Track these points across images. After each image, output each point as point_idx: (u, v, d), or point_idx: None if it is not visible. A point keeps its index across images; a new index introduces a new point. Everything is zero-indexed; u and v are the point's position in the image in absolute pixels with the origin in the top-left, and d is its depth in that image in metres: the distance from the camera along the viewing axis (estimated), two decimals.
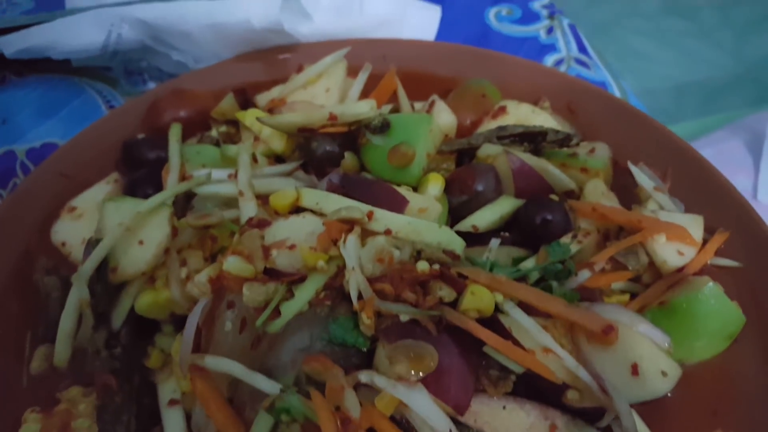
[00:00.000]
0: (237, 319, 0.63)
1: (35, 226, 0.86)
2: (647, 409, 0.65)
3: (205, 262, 0.71)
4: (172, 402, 0.68)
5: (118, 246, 0.70)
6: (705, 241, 0.79)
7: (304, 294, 0.59)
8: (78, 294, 0.69)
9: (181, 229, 0.73)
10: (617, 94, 1.14)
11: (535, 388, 0.60)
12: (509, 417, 0.58)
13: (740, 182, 1.61)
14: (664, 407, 0.68)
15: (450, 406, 0.56)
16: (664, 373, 0.62)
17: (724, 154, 1.76)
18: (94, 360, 0.72)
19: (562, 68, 1.17)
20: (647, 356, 0.62)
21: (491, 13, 1.28)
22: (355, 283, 0.59)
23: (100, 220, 0.74)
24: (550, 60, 1.19)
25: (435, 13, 1.22)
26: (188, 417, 0.67)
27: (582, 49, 1.21)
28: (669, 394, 0.69)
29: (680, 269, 0.75)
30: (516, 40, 1.23)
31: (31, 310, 0.79)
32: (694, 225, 0.79)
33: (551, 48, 1.21)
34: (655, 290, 0.73)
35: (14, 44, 1.12)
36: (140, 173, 0.87)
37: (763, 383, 0.69)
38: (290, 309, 0.58)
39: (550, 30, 1.24)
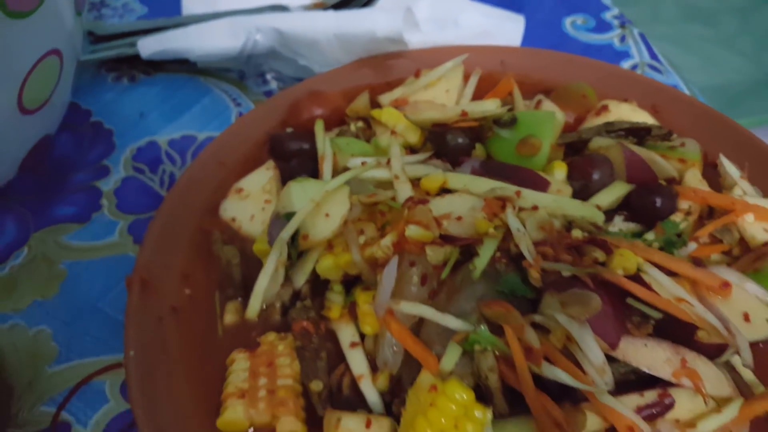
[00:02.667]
0: (420, 274, 0.77)
1: (205, 206, 1.00)
2: None
3: (377, 231, 0.85)
4: (353, 344, 0.82)
5: (307, 218, 0.85)
6: None
7: (487, 252, 0.73)
8: (278, 255, 0.83)
9: (352, 205, 0.88)
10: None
11: (667, 332, 0.74)
12: (649, 352, 0.72)
13: None
14: (759, 355, 0.83)
15: (605, 343, 0.70)
16: None
17: None
18: (282, 313, 0.86)
19: (638, 72, 1.32)
20: (755, 308, 0.77)
21: (567, 22, 1.43)
22: (524, 244, 0.73)
23: (285, 197, 0.88)
24: (625, 65, 1.34)
25: (519, 23, 1.37)
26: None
27: (653, 56, 1.36)
28: (761, 345, 0.84)
29: (766, 243, 0.90)
30: (593, 47, 1.38)
31: (213, 277, 0.93)
32: None
33: (625, 54, 1.36)
34: (748, 259, 0.88)
35: (152, 46, 1.27)
36: (294, 163, 1.02)
37: None
38: (481, 263, 0.72)
39: (622, 38, 1.39)
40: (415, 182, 0.91)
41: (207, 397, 0.80)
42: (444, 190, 0.90)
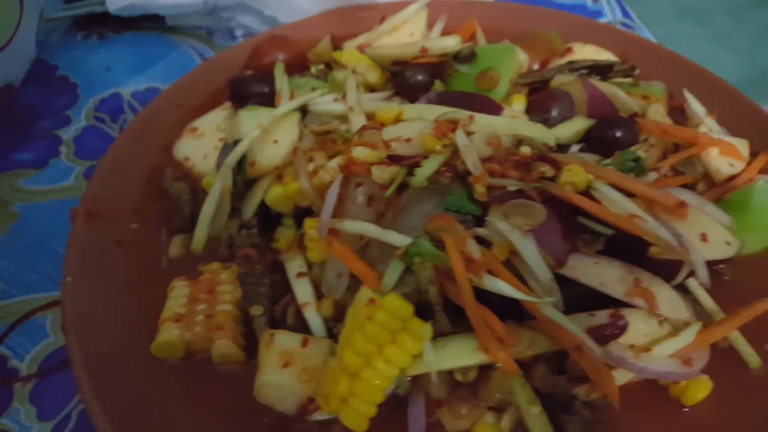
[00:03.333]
0: (366, 195, 0.74)
1: (159, 145, 0.98)
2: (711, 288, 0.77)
3: (328, 159, 0.82)
4: (300, 274, 0.79)
5: (255, 145, 0.82)
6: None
7: (431, 164, 0.70)
8: (222, 181, 0.81)
9: (304, 135, 0.85)
10: None
11: (621, 253, 0.71)
12: (600, 270, 0.69)
13: None
14: (724, 287, 0.80)
15: (551, 258, 0.67)
16: (727, 243, 0.73)
17: None
18: (229, 246, 0.84)
19: None
20: (713, 229, 0.74)
21: None
22: (470, 158, 0.70)
23: (235, 126, 0.86)
24: None
25: None
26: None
27: (626, 14, 1.34)
28: (727, 277, 0.81)
29: (731, 178, 0.87)
30: (566, 6, 1.37)
31: (163, 211, 0.91)
32: (741, 146, 0.91)
33: (598, 13, 1.35)
34: (713, 193, 0.85)
35: (119, 1, 1.25)
36: (250, 102, 0.99)
37: None
38: (422, 174, 0.69)
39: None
40: (372, 118, 0.89)
41: (145, 327, 0.77)
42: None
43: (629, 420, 0.69)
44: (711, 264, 0.73)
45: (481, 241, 0.68)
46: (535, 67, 1.06)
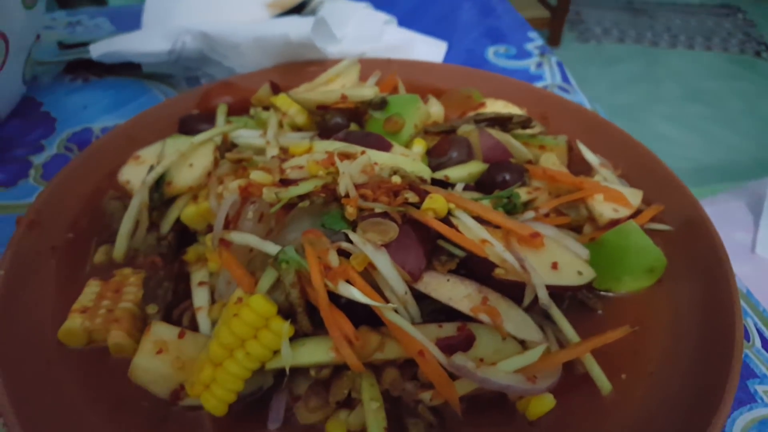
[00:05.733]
0: (257, 212, 0.84)
1: (106, 170, 1.09)
2: (581, 322, 0.83)
3: None
4: (201, 283, 0.88)
5: (173, 167, 0.93)
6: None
7: (306, 186, 0.80)
8: (140, 198, 0.91)
9: (221, 163, 0.96)
10: None
11: (473, 272, 0.78)
12: (451, 287, 0.76)
13: (740, 237, 1.76)
14: (596, 322, 0.87)
15: (406, 272, 0.75)
16: (580, 273, 0.80)
17: (727, 213, 1.89)
18: (144, 255, 0.93)
19: None
20: (567, 260, 0.81)
21: (490, 51, 1.54)
22: (344, 183, 0.80)
23: (161, 151, 0.97)
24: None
25: (441, 47, 1.48)
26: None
27: (565, 79, 1.45)
28: (600, 312, 0.88)
29: (615, 222, 0.94)
30: (508, 70, 1.48)
31: (97, 226, 1.01)
32: (633, 195, 0.99)
33: (539, 77, 1.45)
34: (594, 233, 0.92)
35: (101, 48, 1.41)
36: None
37: (677, 313, 0.87)
38: (294, 191, 0.79)
39: (539, 64, 1.49)
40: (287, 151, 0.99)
41: (59, 319, 0.85)
42: None
43: (474, 427, 0.75)
44: (562, 290, 0.81)
45: (347, 254, 0.77)
46: (454, 116, 1.16)
